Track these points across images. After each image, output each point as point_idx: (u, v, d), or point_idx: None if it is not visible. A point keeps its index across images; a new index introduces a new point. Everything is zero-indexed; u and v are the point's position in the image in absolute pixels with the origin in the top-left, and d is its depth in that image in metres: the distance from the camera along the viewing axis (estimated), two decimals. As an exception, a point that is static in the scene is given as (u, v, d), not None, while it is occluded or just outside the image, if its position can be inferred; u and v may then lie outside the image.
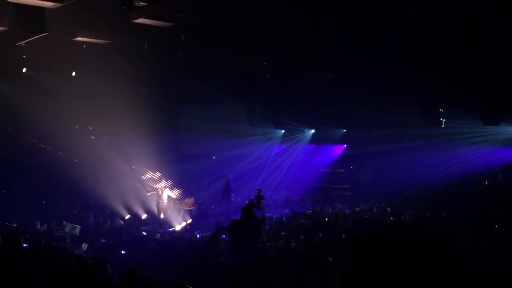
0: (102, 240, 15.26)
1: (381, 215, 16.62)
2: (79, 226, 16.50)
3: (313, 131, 25.60)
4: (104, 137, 20.21)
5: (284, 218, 17.17)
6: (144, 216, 19.37)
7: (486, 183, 19.69)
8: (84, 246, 14.35)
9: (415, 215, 15.49)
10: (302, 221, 16.12)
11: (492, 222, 13.48)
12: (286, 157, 26.28)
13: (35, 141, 21.01)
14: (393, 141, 20.41)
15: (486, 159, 19.98)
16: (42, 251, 7.86)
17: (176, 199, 20.08)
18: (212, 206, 21.41)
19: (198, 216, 19.86)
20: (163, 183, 20.26)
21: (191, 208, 19.66)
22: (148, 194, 19.55)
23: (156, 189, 19.64)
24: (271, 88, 19.40)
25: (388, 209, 17.45)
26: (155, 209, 19.30)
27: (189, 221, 18.72)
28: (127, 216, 18.91)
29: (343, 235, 12.61)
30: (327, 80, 18.48)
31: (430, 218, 15.10)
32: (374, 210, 17.72)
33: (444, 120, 18.83)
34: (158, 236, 17.05)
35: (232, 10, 13.45)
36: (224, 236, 14.27)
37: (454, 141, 20.10)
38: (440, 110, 18.71)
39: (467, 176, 19.14)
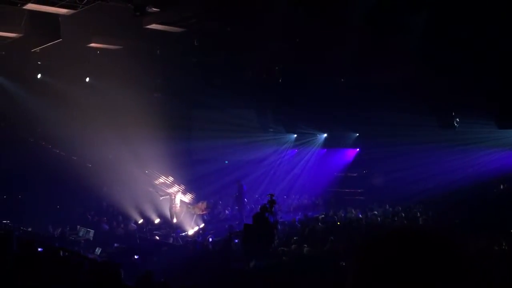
0: (116, 245, 15.34)
1: (395, 219, 16.49)
2: (93, 231, 16.61)
3: (325, 135, 25.52)
4: (117, 142, 20.34)
5: (296, 223, 17.11)
6: (157, 220, 19.44)
7: (501, 187, 19.45)
8: (98, 250, 14.43)
9: (429, 219, 15.35)
10: (314, 225, 16.05)
11: (508, 227, 13.31)
12: (298, 162, 26.22)
13: (50, 146, 21.22)
14: (406, 145, 20.25)
15: (501, 163, 19.74)
16: (56, 255, 7.92)
17: (189, 203, 20.13)
18: (226, 211, 21.43)
19: (210, 220, 19.89)
20: (175, 188, 20.31)
21: (204, 212, 19.68)
22: (161, 198, 19.61)
23: (168, 194, 19.70)
24: (283, 92, 19.40)
25: (402, 213, 17.31)
26: (167, 213, 19.35)
27: (202, 225, 18.75)
28: (140, 221, 18.99)
29: (356, 240, 12.53)
30: (339, 84, 18.43)
31: (444, 223, 14.96)
32: (388, 214, 17.59)
33: (458, 123, 18.65)
34: (171, 240, 17.10)
35: (245, 15, 13.51)
36: (236, 240, 14.27)
37: (468, 144, 19.90)
38: (453, 113, 18.53)
39: (482, 180, 18.91)
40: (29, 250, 6.58)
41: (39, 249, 7.64)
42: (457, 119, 18.44)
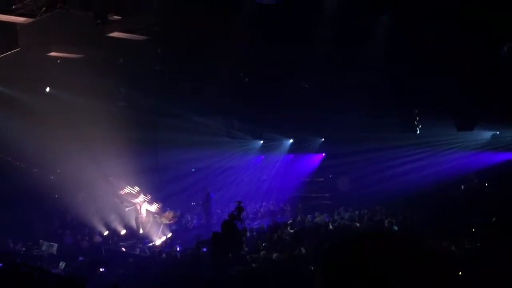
0: (80, 258, 14.97)
1: (361, 222, 16.73)
2: (56, 244, 16.19)
3: (291, 140, 25.70)
4: (80, 153, 19.90)
5: (265, 229, 17.12)
6: (123, 231, 19.09)
7: (462, 187, 20.02)
8: (62, 264, 14.06)
9: (394, 221, 15.63)
10: (283, 231, 16.10)
11: (470, 226, 13.69)
12: (265, 168, 26.29)
13: (10, 159, 20.57)
14: (371, 149, 20.63)
15: (461, 164, 20.33)
16: (17, 271, 7.66)
17: (155, 213, 19.86)
18: (193, 220, 21.25)
19: (178, 230, 19.68)
20: (141, 198, 20.01)
21: (171, 222, 19.46)
22: (127, 209, 19.29)
23: (134, 204, 19.39)
24: (249, 99, 19.46)
25: (368, 216, 17.58)
26: (134, 224, 19.05)
27: (169, 235, 18.52)
28: (106, 232, 18.62)
29: (324, 244, 12.63)
30: (304, 90, 18.63)
31: (408, 224, 15.27)
32: (354, 218, 17.83)
33: (419, 126, 19.12)
34: (137, 251, 16.83)
35: (208, 23, 13.50)
36: (205, 249, 14.16)
37: (430, 147, 20.43)
38: (415, 118, 18.99)
39: (443, 181, 19.42)
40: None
41: (-1, 266, 7.37)
42: (419, 124, 18.91)
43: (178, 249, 15.69)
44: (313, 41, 13.87)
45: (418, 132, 19.31)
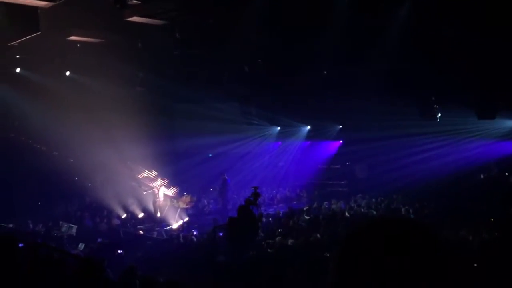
0: (99, 240, 15.25)
1: (378, 210, 16.67)
2: (76, 226, 16.49)
3: (308, 127, 25.60)
4: (99, 137, 20.13)
5: (281, 215, 17.18)
6: (140, 215, 19.35)
7: (482, 176, 19.75)
8: (81, 246, 14.34)
9: (411, 209, 15.54)
10: (299, 217, 16.13)
11: (488, 216, 13.54)
12: (282, 154, 26.28)
13: (30, 141, 20.92)
14: (389, 137, 20.43)
15: (481, 153, 20.04)
16: (38, 252, 7.83)
17: (173, 197, 20.06)
18: (210, 204, 21.41)
19: (194, 214, 19.86)
20: (159, 182, 20.21)
21: (188, 206, 19.64)
22: (144, 193, 19.51)
23: (152, 188, 19.60)
24: (267, 85, 19.38)
25: (385, 204, 17.49)
26: (151, 207, 19.27)
27: (186, 219, 18.71)
28: (124, 215, 18.89)
29: (340, 231, 12.64)
30: (322, 76, 18.47)
31: (426, 212, 15.16)
32: (371, 205, 17.77)
33: (439, 114, 18.85)
34: (155, 234, 17.05)
35: (226, 8, 13.44)
36: (221, 234, 14.27)
37: (449, 135, 20.16)
38: (435, 105, 18.70)
39: (463, 170, 19.19)
40: (10, 246, 6.50)
41: (20, 245, 7.54)
42: (439, 111, 18.62)
43: (194, 233, 15.86)
44: (331, 29, 13.70)
45: (437, 120, 19.03)
